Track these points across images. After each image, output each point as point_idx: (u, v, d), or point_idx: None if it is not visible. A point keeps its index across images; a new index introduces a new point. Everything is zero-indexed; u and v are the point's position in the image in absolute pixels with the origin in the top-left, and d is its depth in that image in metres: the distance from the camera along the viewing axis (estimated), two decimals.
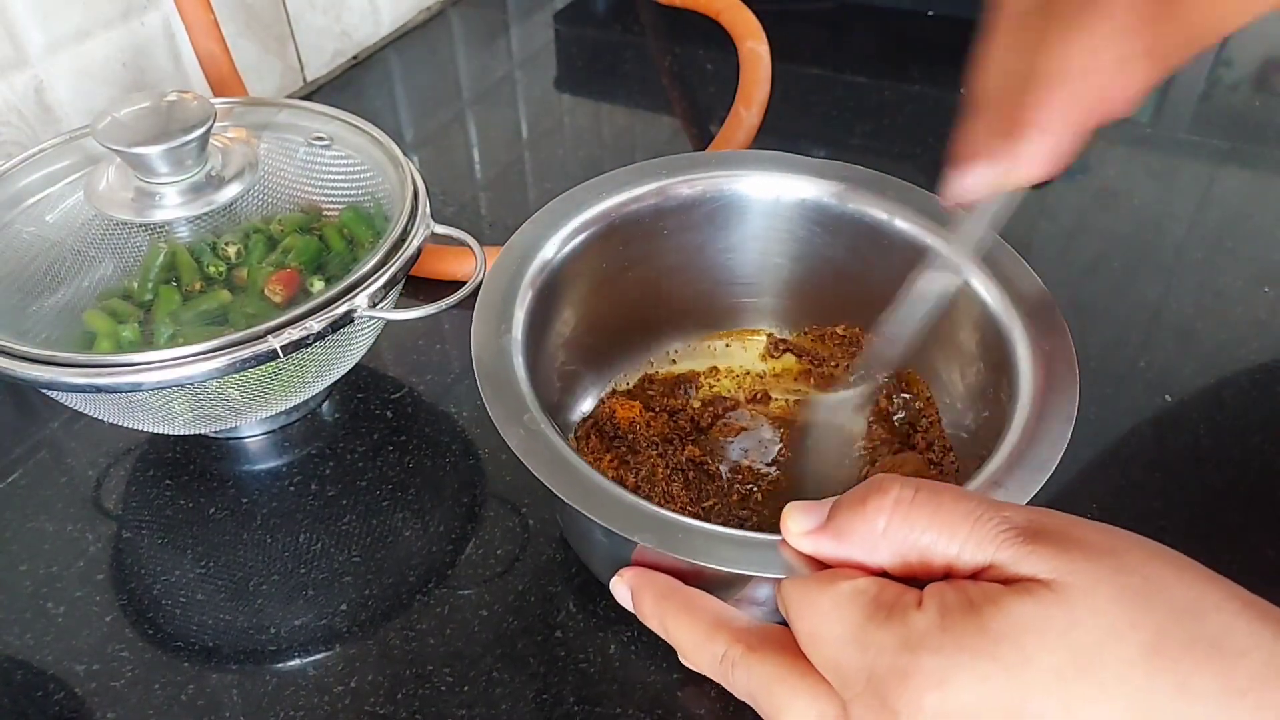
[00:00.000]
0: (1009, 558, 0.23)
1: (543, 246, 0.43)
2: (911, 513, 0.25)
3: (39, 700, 0.40)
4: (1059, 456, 0.34)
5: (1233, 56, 0.82)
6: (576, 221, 0.44)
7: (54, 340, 0.44)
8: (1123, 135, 0.74)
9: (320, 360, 0.46)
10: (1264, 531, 0.45)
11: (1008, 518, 0.24)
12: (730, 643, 0.28)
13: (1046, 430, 0.35)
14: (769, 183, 0.46)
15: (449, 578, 0.44)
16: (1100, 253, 0.62)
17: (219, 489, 0.48)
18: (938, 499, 0.25)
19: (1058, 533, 0.23)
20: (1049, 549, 0.23)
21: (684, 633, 0.30)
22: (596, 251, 0.45)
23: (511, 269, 0.41)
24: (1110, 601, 0.22)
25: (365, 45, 0.84)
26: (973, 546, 0.24)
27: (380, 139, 0.51)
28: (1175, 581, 0.23)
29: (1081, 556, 0.23)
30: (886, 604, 0.24)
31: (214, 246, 0.47)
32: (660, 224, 0.46)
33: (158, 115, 0.45)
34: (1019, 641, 0.22)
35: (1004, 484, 0.33)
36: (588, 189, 0.45)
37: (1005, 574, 0.23)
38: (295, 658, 0.41)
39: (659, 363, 0.50)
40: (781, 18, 0.80)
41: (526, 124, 0.76)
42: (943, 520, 0.24)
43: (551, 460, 0.34)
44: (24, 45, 0.60)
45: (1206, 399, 0.52)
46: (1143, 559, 0.23)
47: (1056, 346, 0.38)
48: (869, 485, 0.26)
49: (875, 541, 0.25)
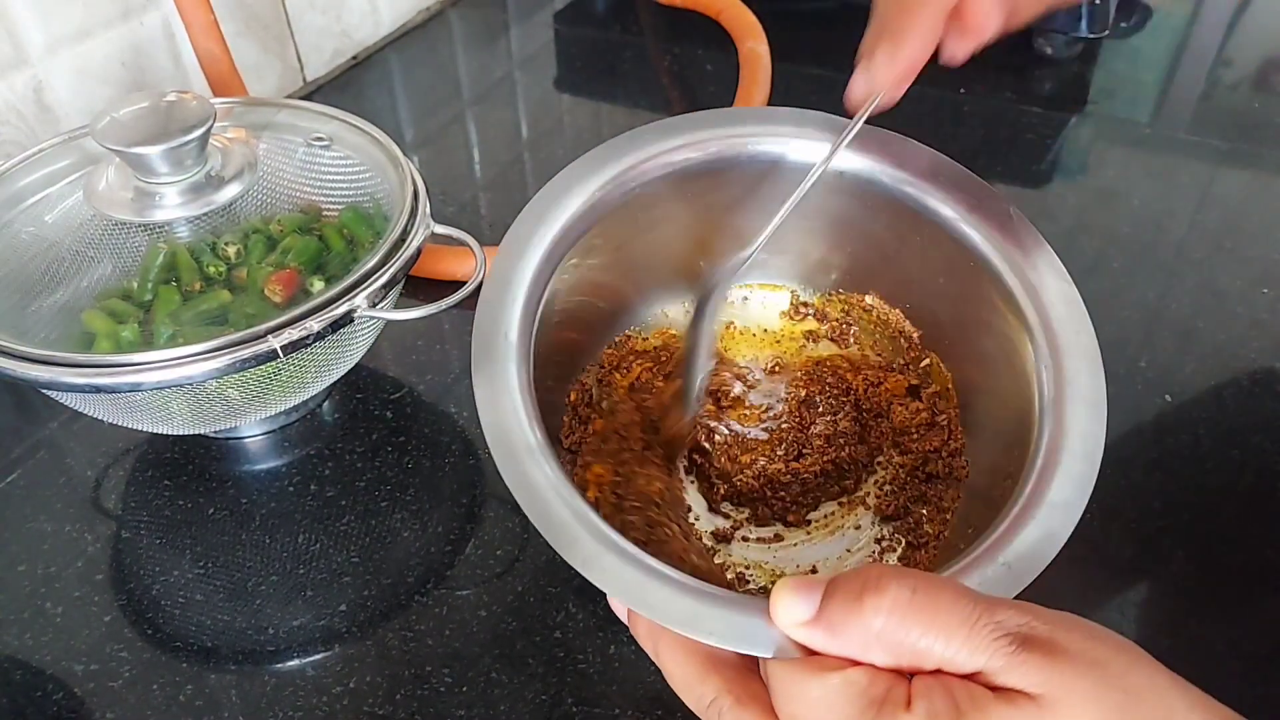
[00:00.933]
0: (999, 667, 0.24)
1: (570, 195, 0.41)
2: (908, 616, 0.25)
3: (38, 700, 0.40)
4: (1070, 529, 0.33)
5: (1233, 56, 0.82)
6: (610, 173, 0.42)
7: (54, 340, 0.44)
8: (1123, 135, 0.74)
9: (320, 360, 0.46)
10: (1264, 531, 0.45)
11: (1000, 623, 0.24)
12: (721, 691, 0.28)
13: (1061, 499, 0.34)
14: (811, 149, 0.44)
15: (448, 578, 0.44)
16: (1100, 253, 0.62)
17: (218, 489, 0.48)
18: (935, 601, 0.25)
19: (1048, 642, 0.24)
20: (1038, 659, 0.24)
21: (677, 667, 0.30)
22: (629, 203, 0.43)
23: (537, 216, 0.40)
24: (1094, 717, 0.23)
25: (365, 45, 0.84)
26: (966, 653, 0.24)
27: (380, 139, 0.51)
28: (1149, 693, 0.24)
29: (1070, 670, 0.23)
30: (876, 700, 0.24)
31: (214, 246, 0.47)
32: (695, 178, 0.44)
33: (157, 115, 0.45)
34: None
35: (1009, 564, 0.32)
36: (635, 136, 0.43)
37: (991, 682, 0.24)
38: (294, 658, 0.41)
39: (674, 314, 0.49)
40: (781, 18, 0.80)
41: (526, 124, 0.76)
42: (940, 625, 0.24)
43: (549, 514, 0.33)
44: (24, 45, 0.59)
45: (1206, 399, 0.52)
46: (1123, 669, 0.24)
47: (1092, 415, 0.37)
48: (864, 581, 0.25)
49: (869, 642, 0.25)
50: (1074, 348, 0.38)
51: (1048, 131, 0.73)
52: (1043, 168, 0.70)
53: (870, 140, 0.44)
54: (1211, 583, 0.44)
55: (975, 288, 0.42)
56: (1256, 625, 0.42)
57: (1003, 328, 0.41)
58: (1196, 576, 0.44)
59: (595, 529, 0.32)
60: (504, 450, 0.34)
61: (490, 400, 0.35)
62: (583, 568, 0.31)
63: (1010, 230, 0.41)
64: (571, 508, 0.32)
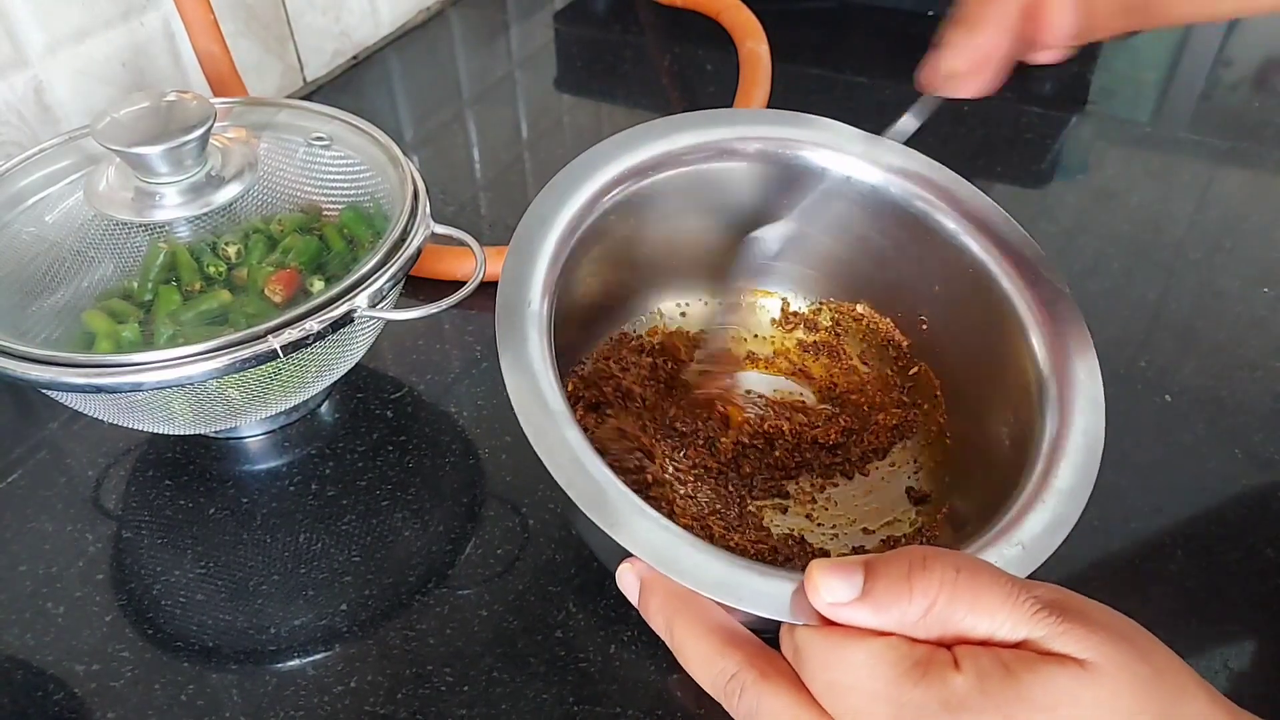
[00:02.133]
0: (1045, 635, 0.24)
1: (581, 188, 0.41)
2: (956, 595, 0.25)
3: (39, 700, 0.40)
4: (1078, 513, 0.34)
5: (1233, 56, 0.82)
6: (621, 168, 0.42)
7: (54, 340, 0.44)
8: (1123, 135, 0.74)
9: (320, 360, 0.46)
10: (1264, 531, 0.45)
11: (1039, 597, 0.25)
12: (743, 665, 0.27)
13: (1069, 488, 0.35)
14: (819, 156, 0.45)
15: (449, 578, 0.44)
16: (1100, 253, 0.62)
17: (219, 489, 0.48)
18: (977, 580, 0.25)
19: (1083, 614, 0.25)
20: (1080, 629, 0.24)
21: (693, 643, 0.29)
22: (633, 203, 0.43)
23: (546, 210, 0.40)
24: (1130, 686, 0.24)
25: (365, 45, 0.84)
26: (1010, 625, 0.25)
27: (380, 139, 0.51)
28: (1169, 672, 0.25)
29: (1109, 641, 0.24)
30: (921, 663, 0.24)
31: (214, 246, 0.47)
32: (693, 181, 0.45)
33: (157, 115, 0.45)
34: (1055, 712, 0.23)
35: (1022, 543, 0.33)
36: (639, 132, 0.44)
37: (1040, 649, 0.25)
38: (295, 658, 0.41)
39: (669, 313, 0.50)
40: (781, 18, 0.80)
41: (526, 124, 0.76)
42: (984, 603, 0.25)
43: (561, 452, 0.33)
44: (24, 45, 0.59)
45: (1206, 399, 0.52)
46: (1147, 647, 0.25)
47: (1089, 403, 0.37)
48: (911, 562, 0.26)
49: (915, 621, 0.25)
50: (1073, 349, 0.39)
51: (1048, 131, 0.73)
52: (1043, 168, 0.70)
53: (878, 150, 0.45)
54: (1212, 583, 0.44)
55: (975, 295, 0.43)
56: (1257, 625, 0.42)
57: (1000, 330, 0.41)
58: (1197, 576, 0.44)
59: (623, 493, 0.32)
60: (530, 414, 0.33)
61: (515, 364, 0.35)
62: (613, 530, 0.30)
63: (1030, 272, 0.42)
64: (599, 473, 0.32)
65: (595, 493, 0.31)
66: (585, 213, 0.41)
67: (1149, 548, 0.45)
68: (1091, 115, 0.75)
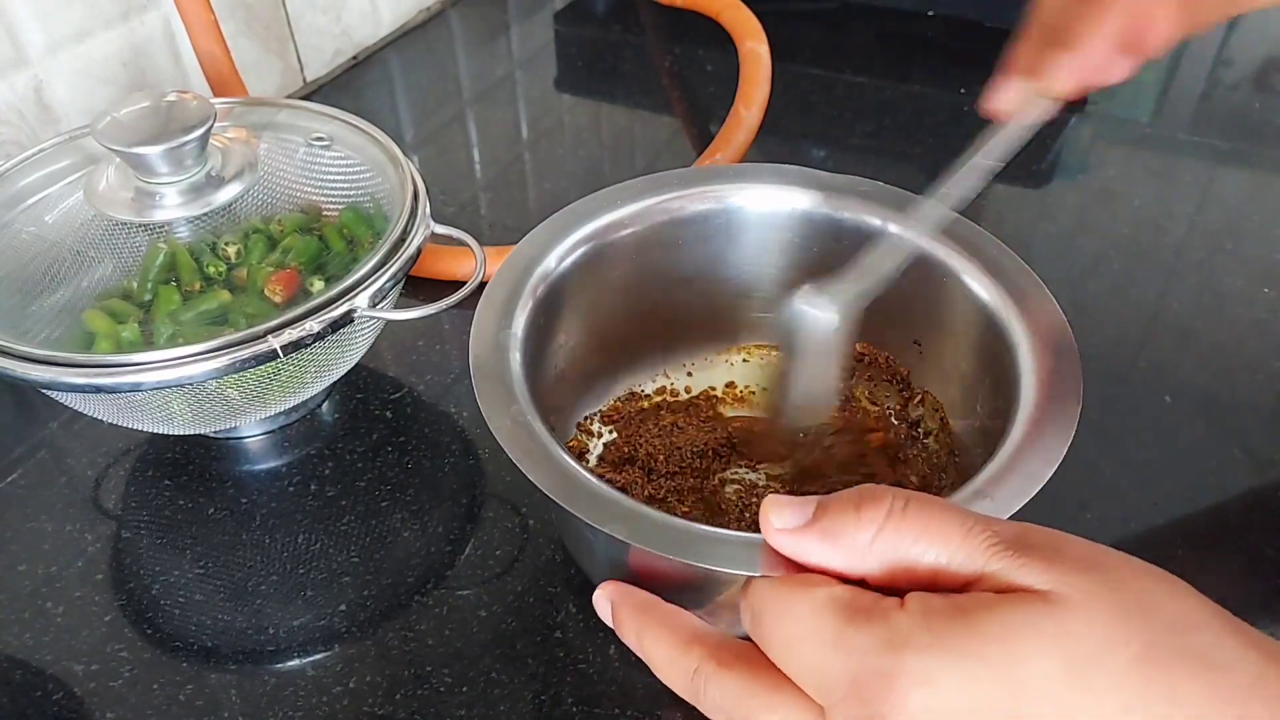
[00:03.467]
0: (1002, 568, 0.23)
1: (549, 253, 0.43)
2: (904, 523, 0.24)
3: (38, 700, 0.40)
4: (1051, 470, 0.34)
5: (1233, 56, 0.82)
6: (586, 230, 0.44)
7: (54, 340, 0.44)
8: (1123, 135, 0.74)
9: (320, 360, 0.46)
10: (1264, 531, 0.45)
11: (998, 531, 0.24)
12: (703, 658, 0.27)
13: (1042, 445, 0.34)
14: (774, 196, 0.46)
15: (448, 578, 0.44)
16: (1100, 253, 0.62)
17: (218, 489, 0.48)
18: (929, 510, 0.24)
19: (1048, 547, 0.23)
20: (1041, 562, 0.23)
21: (659, 647, 0.29)
22: (605, 261, 0.45)
23: (519, 270, 0.41)
24: (1105, 615, 0.22)
25: (365, 45, 0.84)
26: (963, 557, 0.24)
27: (380, 139, 0.51)
28: (1166, 598, 0.23)
29: (1075, 570, 0.23)
30: (865, 608, 0.23)
31: (214, 246, 0.47)
32: (674, 236, 0.46)
33: (157, 115, 0.45)
34: (1009, 645, 0.22)
35: (990, 494, 0.33)
36: (599, 198, 0.45)
37: (998, 584, 0.23)
38: (294, 658, 0.41)
39: (674, 374, 0.50)
40: (781, 18, 0.80)
41: (526, 124, 0.76)
42: (934, 531, 0.24)
43: (531, 450, 0.34)
44: (24, 45, 0.60)
45: (1206, 399, 0.52)
46: (1131, 575, 0.23)
47: (1063, 366, 0.37)
48: (861, 492, 0.25)
49: (863, 549, 0.25)
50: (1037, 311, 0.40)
51: (1048, 131, 0.73)
52: (1043, 168, 0.70)
53: (834, 183, 0.46)
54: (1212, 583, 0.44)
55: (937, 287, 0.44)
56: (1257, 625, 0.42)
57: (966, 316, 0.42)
58: (1196, 576, 0.44)
59: (572, 467, 0.34)
60: (480, 377, 0.37)
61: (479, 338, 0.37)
62: (568, 503, 0.32)
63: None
64: (552, 451, 0.34)
65: (541, 462, 0.34)
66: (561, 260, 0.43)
67: (1149, 548, 0.45)
68: (1091, 115, 0.75)
